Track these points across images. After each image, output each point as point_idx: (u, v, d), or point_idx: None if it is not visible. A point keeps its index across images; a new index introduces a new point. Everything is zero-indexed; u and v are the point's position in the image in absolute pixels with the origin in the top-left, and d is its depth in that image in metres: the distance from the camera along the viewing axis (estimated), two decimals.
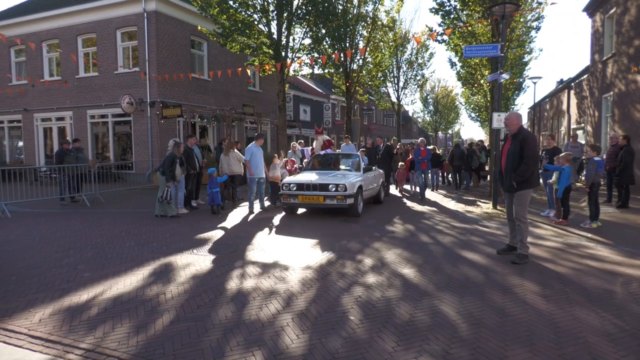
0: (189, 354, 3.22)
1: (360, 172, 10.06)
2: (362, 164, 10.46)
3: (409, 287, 4.64)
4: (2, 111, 20.76)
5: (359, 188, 9.23)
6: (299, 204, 9.22)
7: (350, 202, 8.80)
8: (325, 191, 8.84)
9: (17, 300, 4.38)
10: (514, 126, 5.65)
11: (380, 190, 11.48)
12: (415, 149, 13.00)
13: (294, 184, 9.09)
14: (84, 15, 18.09)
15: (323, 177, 9.35)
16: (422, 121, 58.88)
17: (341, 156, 11.56)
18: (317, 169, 10.62)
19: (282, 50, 15.75)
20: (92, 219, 9.52)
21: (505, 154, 5.78)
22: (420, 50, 31.17)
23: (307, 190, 8.99)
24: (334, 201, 8.75)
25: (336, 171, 10.36)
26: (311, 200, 8.93)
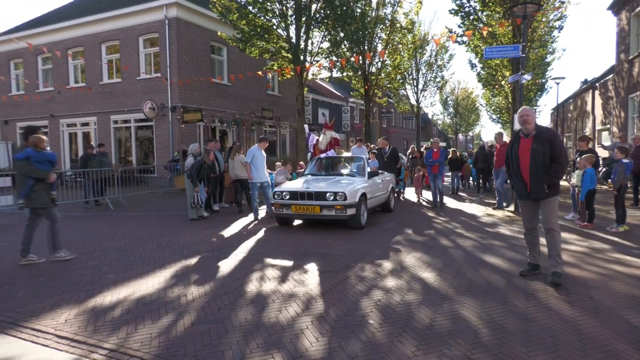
0: (210, 355, 3.26)
1: (365, 178, 8.95)
2: (367, 168, 9.34)
3: (429, 291, 4.60)
4: (30, 117, 21.41)
5: (362, 196, 8.13)
6: (292, 215, 8.12)
7: (352, 212, 7.77)
8: (322, 200, 7.77)
9: (45, 301, 4.50)
10: (531, 123, 4.95)
11: (389, 197, 10.42)
12: (427, 151, 11.71)
13: (287, 192, 8.04)
14: (108, 23, 18.55)
15: (320, 184, 8.25)
16: (442, 123, 58.33)
17: (344, 159, 10.36)
18: (315, 174, 9.44)
19: (300, 54, 15.84)
20: (115, 221, 9.72)
21: (524, 155, 4.94)
22: (439, 52, 30.95)
23: (302, 199, 7.91)
24: (332, 212, 7.70)
25: (337, 176, 9.17)
26: (306, 210, 7.88)
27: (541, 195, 4.86)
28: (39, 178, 5.94)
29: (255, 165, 9.46)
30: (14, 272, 5.63)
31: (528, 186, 4.92)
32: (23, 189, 5.94)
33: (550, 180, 4.80)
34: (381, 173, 10.24)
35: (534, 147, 4.84)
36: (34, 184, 5.92)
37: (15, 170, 6.11)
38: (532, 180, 4.88)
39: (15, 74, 22.02)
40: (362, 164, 9.54)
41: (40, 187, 5.98)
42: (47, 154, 6.19)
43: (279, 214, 8.20)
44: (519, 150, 4.99)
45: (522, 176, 4.97)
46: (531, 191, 4.91)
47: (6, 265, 6.00)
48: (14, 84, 21.89)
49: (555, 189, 4.89)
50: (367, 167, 9.36)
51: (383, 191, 9.79)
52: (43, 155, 6.05)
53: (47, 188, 6.08)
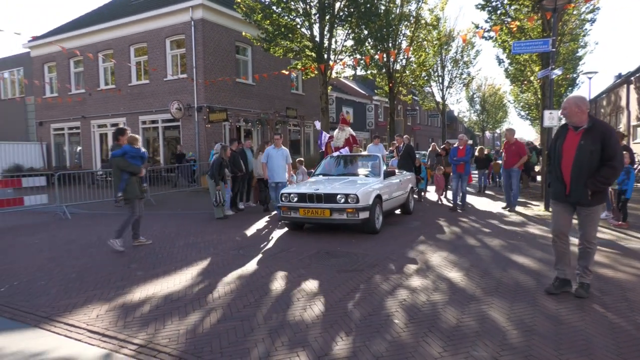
0: (236, 352, 3.29)
1: (380, 178, 8.31)
2: (382, 167, 8.66)
3: (455, 291, 4.52)
4: (63, 119, 22.14)
5: (377, 198, 7.51)
6: (300, 219, 7.55)
7: (364, 216, 7.15)
8: (332, 203, 7.19)
9: (77, 297, 4.64)
10: (579, 115, 4.13)
11: (409, 198, 9.68)
12: (452, 149, 10.78)
13: (295, 194, 7.48)
14: (136, 26, 18.98)
15: (330, 185, 7.65)
16: (468, 121, 57.34)
17: (357, 158, 9.68)
18: (327, 174, 8.89)
19: (324, 53, 15.84)
20: (143, 220, 9.93)
21: (568, 152, 4.19)
22: (465, 48, 30.41)
23: (310, 202, 7.33)
24: (343, 215, 7.11)
25: (350, 177, 8.54)
26: (315, 214, 7.27)
27: (582, 201, 4.14)
28: (132, 172, 6.73)
29: (270, 165, 9.27)
30: (49, 268, 5.83)
31: (567, 188, 4.21)
32: (120, 183, 6.74)
33: (596, 186, 4.03)
34: (399, 172, 9.65)
35: (582, 144, 4.09)
36: (128, 177, 6.72)
37: (112, 166, 6.92)
38: (572, 182, 4.16)
39: (49, 77, 22.80)
40: (377, 162, 8.85)
41: (134, 180, 6.79)
42: (140, 150, 6.98)
43: (286, 217, 7.61)
44: (564, 145, 4.24)
45: (562, 175, 4.26)
46: (570, 194, 4.20)
47: (42, 261, 6.22)
48: (47, 87, 22.66)
49: (599, 198, 4.13)
50: (383, 166, 8.75)
51: (401, 192, 9.14)
52: (137, 151, 6.88)
53: (139, 181, 6.91)
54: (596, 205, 4.16)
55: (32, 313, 4.19)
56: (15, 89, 26.57)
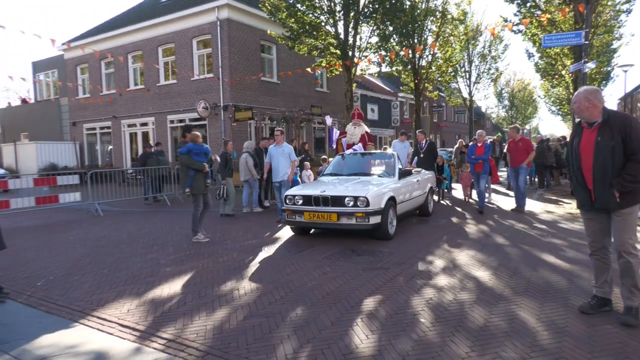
0: (261, 349, 3.33)
1: (395, 177, 7.66)
2: (397, 166, 8.02)
3: (483, 290, 4.44)
4: (95, 119, 22.82)
5: (390, 200, 6.86)
6: (305, 224, 6.96)
7: (376, 221, 6.49)
8: (340, 206, 6.55)
9: (109, 292, 4.78)
10: (591, 110, 3.64)
11: (427, 199, 9.04)
12: (470, 146, 10.04)
13: (300, 197, 6.91)
14: (164, 27, 19.36)
15: (339, 187, 7.04)
16: (496, 117, 56.15)
17: (370, 156, 8.94)
18: (337, 174, 8.21)
19: (349, 50, 15.79)
20: (172, 217, 10.15)
21: (586, 152, 3.66)
22: (493, 42, 29.77)
23: (316, 205, 6.73)
24: (351, 220, 6.48)
25: (362, 176, 7.85)
26: (321, 218, 6.67)
27: (610, 205, 3.57)
28: (196, 169, 7.06)
29: (273, 164, 8.87)
30: (82, 264, 6.03)
31: (592, 194, 3.65)
32: (187, 180, 7.10)
33: (623, 186, 3.48)
34: (417, 171, 9.03)
35: (599, 141, 3.58)
36: (195, 174, 7.07)
37: (179, 163, 7.33)
38: (596, 187, 3.61)
39: (81, 79, 23.53)
40: (392, 161, 8.19)
41: (199, 176, 7.13)
42: (203, 147, 7.32)
43: (291, 221, 7.07)
44: (581, 145, 3.73)
45: (583, 180, 3.70)
46: (596, 201, 3.63)
47: (76, 257, 6.43)
48: (80, 88, 23.39)
49: (632, 198, 3.54)
50: (398, 165, 8.10)
51: (419, 192, 8.51)
52: (200, 148, 7.22)
53: (204, 177, 7.21)
54: (631, 207, 3.55)
55: (67, 307, 4.34)
56: (50, 90, 27.53)
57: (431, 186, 9.44)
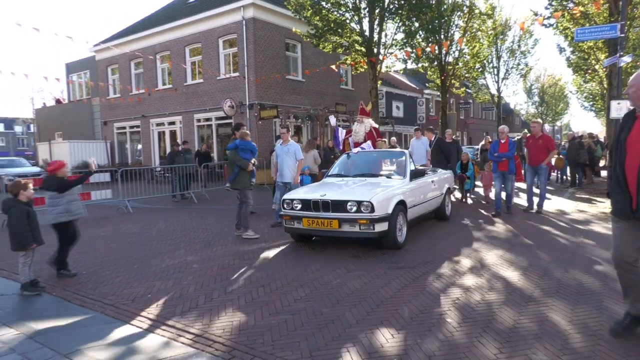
0: (287, 345, 3.35)
1: (406, 179, 6.91)
2: (408, 166, 7.23)
3: (512, 291, 4.34)
4: (125, 118, 23.41)
5: (399, 205, 6.17)
6: (304, 230, 6.30)
7: (382, 228, 5.81)
8: (341, 212, 5.88)
9: (139, 286, 4.90)
10: None
11: (444, 201, 8.28)
12: (493, 143, 9.23)
13: (298, 201, 6.25)
14: (191, 27, 19.67)
15: (341, 190, 6.35)
16: (525, 113, 54.79)
17: (379, 155, 8.25)
18: (342, 175, 7.51)
19: (374, 47, 15.69)
20: (199, 214, 10.32)
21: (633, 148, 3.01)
22: (523, 37, 29.04)
23: (316, 210, 6.05)
24: (355, 227, 5.82)
25: (369, 178, 7.10)
26: (320, 225, 6.01)
27: None
28: (241, 167, 7.19)
29: (279, 163, 8.30)
30: (113, 259, 6.20)
31: (634, 200, 2.99)
32: (231, 175, 7.28)
33: None
34: (432, 171, 8.40)
35: None
36: (239, 171, 7.20)
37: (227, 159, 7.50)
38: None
39: (112, 79, 24.17)
40: (403, 160, 7.44)
41: (244, 173, 7.27)
42: (250, 143, 7.42)
43: (290, 227, 6.42)
44: (629, 138, 3.05)
45: (625, 181, 3.03)
46: (638, 209, 2.98)
47: (107, 252, 6.62)
48: (111, 88, 24.04)
49: None
50: (410, 164, 7.35)
51: (435, 194, 7.83)
52: (247, 144, 7.34)
53: (249, 175, 7.34)
54: None
55: (99, 301, 4.47)
56: (83, 90, 28.39)
57: (449, 187, 8.67)
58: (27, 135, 73.96)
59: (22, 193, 4.66)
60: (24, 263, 4.66)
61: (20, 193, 4.65)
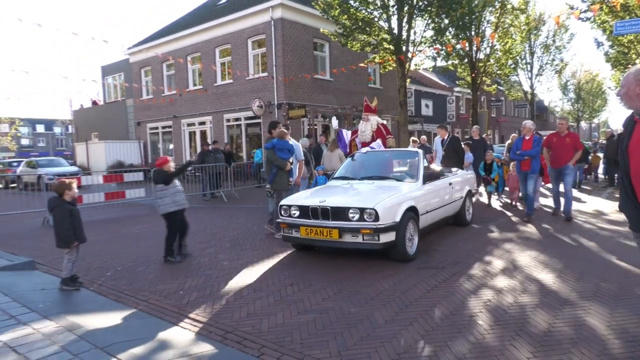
0: (315, 344, 3.36)
1: (419, 181, 6.24)
2: (422, 167, 6.51)
3: (546, 294, 4.21)
4: (157, 119, 24.00)
5: (410, 212, 5.55)
6: (302, 240, 5.75)
7: (388, 239, 5.20)
8: (342, 220, 5.29)
9: (171, 283, 5.02)
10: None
11: (464, 206, 7.59)
12: (516, 140, 8.47)
13: (296, 207, 5.69)
14: (221, 29, 19.98)
15: (342, 195, 5.86)
16: (560, 110, 53.09)
17: (388, 155, 7.54)
18: (347, 178, 6.78)
19: (402, 45, 15.52)
20: (228, 213, 10.48)
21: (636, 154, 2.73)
22: (558, 31, 28.14)
23: (314, 218, 5.47)
24: (357, 238, 5.22)
25: (377, 180, 6.41)
26: (319, 235, 5.41)
27: None
28: (278, 166, 7.14)
29: None
30: (147, 256, 6.37)
31: None
32: (270, 175, 7.27)
33: None
34: (451, 172, 7.71)
35: None
36: (277, 170, 7.18)
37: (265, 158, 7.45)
38: None
39: (145, 81, 24.84)
40: (416, 160, 6.70)
41: (282, 173, 7.22)
42: (288, 143, 7.36)
43: (287, 236, 5.86)
44: (630, 144, 2.77)
45: (633, 191, 2.76)
46: None
47: (141, 249, 6.81)
48: (144, 90, 24.71)
49: None
50: (423, 165, 6.64)
51: (453, 198, 7.15)
52: (285, 144, 7.29)
53: (287, 174, 7.29)
54: None
55: (133, 296, 4.61)
56: (117, 92, 29.29)
57: (470, 189, 7.95)
58: (65, 136, 76.97)
59: (67, 192, 4.84)
60: (68, 259, 4.86)
61: (64, 192, 4.83)
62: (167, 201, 5.86)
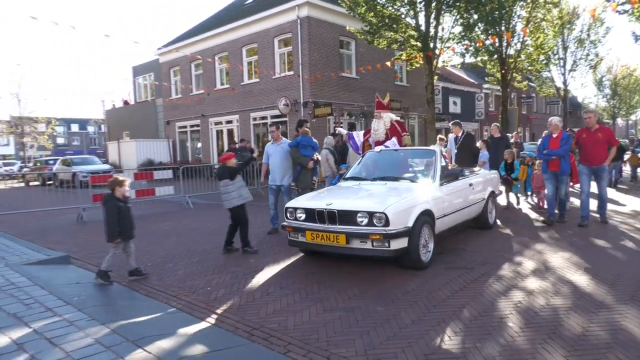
0: (341, 342, 3.35)
1: (435, 182, 5.84)
2: (439, 166, 6.08)
3: (580, 296, 4.08)
4: (186, 117, 24.45)
5: (424, 216, 5.14)
6: (308, 245, 5.42)
7: (399, 245, 4.81)
8: (349, 224, 4.93)
9: (199, 279, 5.11)
10: None
11: (487, 207, 7.15)
12: (542, 138, 7.85)
13: (302, 210, 5.39)
14: (248, 28, 20.16)
15: (351, 197, 5.45)
16: (595, 107, 51.29)
17: (403, 154, 7.05)
18: (359, 178, 6.39)
19: (430, 42, 15.30)
20: (254, 210, 10.54)
21: None
22: (593, 25, 27.17)
23: (321, 222, 5.14)
24: (365, 244, 4.84)
25: (390, 181, 5.98)
26: (326, 240, 5.04)
27: None
28: (301, 164, 7.28)
29: (271, 164, 7.65)
30: (176, 252, 6.51)
31: None
32: (294, 173, 7.41)
33: None
34: (472, 172, 7.24)
35: None
36: (301, 169, 7.32)
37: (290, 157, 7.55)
38: None
39: (174, 80, 25.34)
40: (432, 159, 6.26)
41: (306, 171, 7.35)
42: (311, 140, 7.50)
43: (294, 241, 5.51)
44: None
45: None
46: None
47: (170, 246, 6.96)
48: (173, 89, 25.21)
49: None
50: (441, 165, 6.15)
51: (475, 199, 6.72)
52: (309, 141, 7.42)
53: (311, 172, 7.38)
54: None
55: (163, 291, 4.71)
56: (147, 92, 29.99)
57: (492, 190, 7.46)
58: (98, 135, 79.42)
59: (117, 189, 5.06)
60: (127, 253, 5.11)
61: (115, 189, 5.05)
62: (234, 195, 6.13)
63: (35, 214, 10.53)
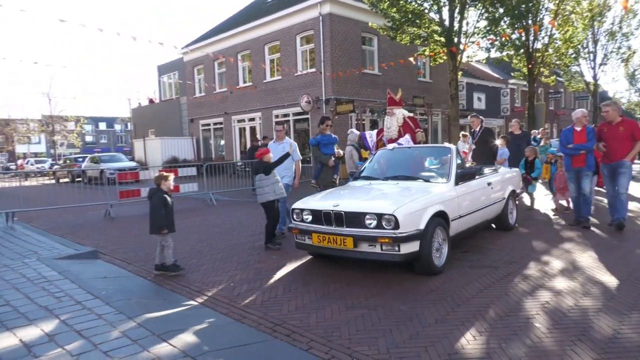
0: (363, 340, 3.34)
1: (450, 182, 5.48)
2: (454, 165, 5.70)
3: (611, 298, 3.95)
4: (209, 115, 24.76)
5: (437, 217, 4.86)
6: (315, 248, 5.19)
7: (410, 249, 4.54)
8: (357, 226, 4.70)
9: (222, 275, 5.17)
10: None
11: (507, 208, 6.78)
12: (564, 131, 7.14)
13: (308, 211, 5.18)
14: (270, 26, 20.26)
15: (359, 198, 5.24)
16: (627, 102, 49.57)
17: (417, 152, 6.68)
18: (371, 178, 6.13)
19: (454, 37, 15.07)
20: None
21: None
22: (625, 17, 26.25)
23: (327, 224, 4.91)
24: (374, 247, 4.60)
25: (402, 181, 5.72)
26: (332, 243, 4.81)
27: None
28: (321, 162, 7.31)
29: None
30: (199, 248, 6.60)
31: None
32: (315, 171, 7.51)
33: None
34: (491, 170, 6.87)
35: None
36: (322, 167, 7.34)
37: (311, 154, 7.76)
38: None
39: (197, 79, 25.69)
40: (448, 158, 5.89)
41: (327, 169, 7.33)
42: (331, 137, 7.47)
43: (301, 243, 5.32)
44: None
45: None
46: None
47: (194, 242, 7.06)
48: (197, 88, 25.56)
49: None
50: (456, 163, 5.76)
51: (494, 199, 6.37)
52: (329, 138, 7.41)
53: (332, 170, 7.36)
54: None
55: (187, 287, 4.79)
56: (172, 90, 30.49)
57: (513, 189, 7.08)
58: (124, 133, 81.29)
59: (163, 183, 5.32)
60: (165, 247, 5.22)
61: (161, 183, 5.32)
62: (267, 190, 6.19)
63: (65, 209, 10.85)
